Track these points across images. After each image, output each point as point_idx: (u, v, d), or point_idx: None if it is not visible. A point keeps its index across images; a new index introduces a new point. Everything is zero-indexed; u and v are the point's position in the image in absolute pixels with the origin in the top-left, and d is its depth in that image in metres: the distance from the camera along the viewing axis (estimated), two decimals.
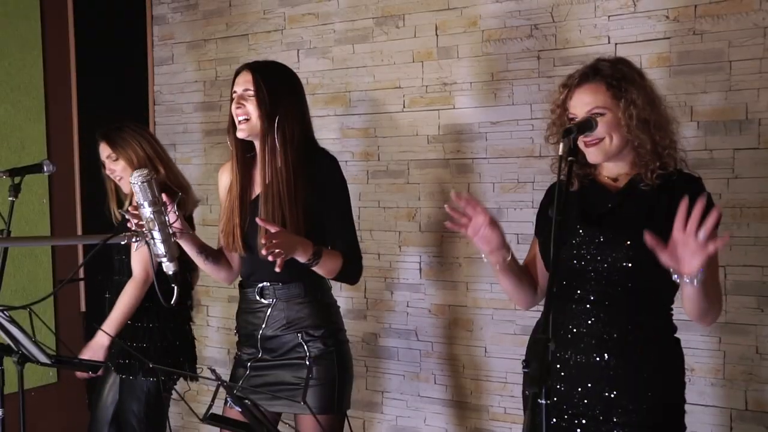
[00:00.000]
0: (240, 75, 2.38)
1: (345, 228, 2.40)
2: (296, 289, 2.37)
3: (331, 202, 2.37)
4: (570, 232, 2.03)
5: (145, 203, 1.98)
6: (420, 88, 3.43)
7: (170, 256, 2.07)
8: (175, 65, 4.22)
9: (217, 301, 4.13)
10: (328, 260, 2.28)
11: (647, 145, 1.98)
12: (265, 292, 2.39)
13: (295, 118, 2.38)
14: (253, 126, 2.34)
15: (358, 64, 3.59)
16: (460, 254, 3.39)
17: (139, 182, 1.96)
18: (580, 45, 3.02)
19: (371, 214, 3.60)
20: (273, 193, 2.32)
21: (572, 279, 2.03)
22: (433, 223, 3.44)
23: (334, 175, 2.39)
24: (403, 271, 3.53)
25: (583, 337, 1.99)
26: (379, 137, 3.56)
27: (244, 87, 2.35)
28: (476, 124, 3.29)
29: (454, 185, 3.37)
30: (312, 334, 2.36)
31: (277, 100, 2.34)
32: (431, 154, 3.42)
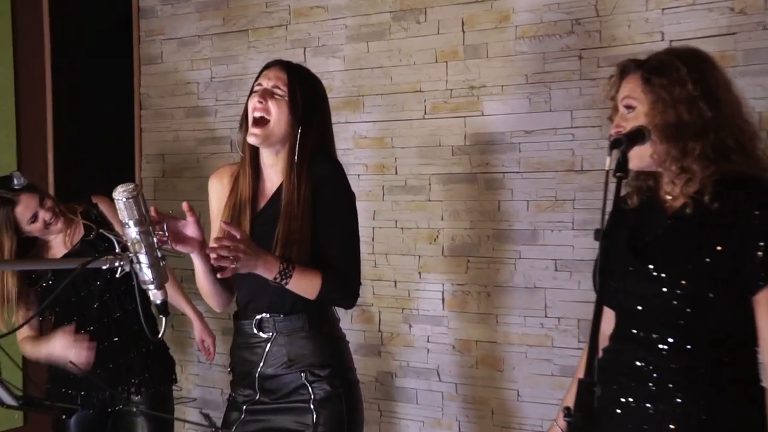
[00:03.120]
0: (271, 69, 2.37)
1: (339, 237, 2.35)
2: (299, 322, 2.36)
3: (326, 207, 2.34)
4: (620, 261, 1.99)
5: (130, 222, 1.93)
6: (444, 91, 3.44)
7: (158, 282, 2.00)
8: (165, 64, 4.23)
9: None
10: (300, 280, 2.25)
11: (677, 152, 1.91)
12: (264, 325, 2.37)
13: (320, 132, 2.39)
14: (270, 131, 2.31)
15: (373, 65, 3.60)
16: (488, 282, 3.38)
17: (124, 198, 1.91)
18: (629, 42, 3.02)
19: (387, 236, 3.60)
20: (293, 213, 2.30)
21: (627, 317, 2.00)
22: (457, 247, 3.43)
23: (332, 176, 2.37)
24: (423, 301, 3.52)
25: (638, 383, 1.95)
26: (396, 148, 3.57)
27: (274, 83, 2.34)
28: (508, 133, 3.30)
29: (482, 202, 3.38)
30: (317, 373, 2.34)
31: (309, 109, 2.35)
32: (456, 168, 3.42)
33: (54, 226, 2.96)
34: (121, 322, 3.03)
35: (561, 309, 3.22)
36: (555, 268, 3.21)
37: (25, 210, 2.89)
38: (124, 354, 3.02)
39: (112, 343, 3.01)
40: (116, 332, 3.02)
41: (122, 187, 1.93)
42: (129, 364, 3.02)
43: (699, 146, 1.89)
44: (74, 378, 2.98)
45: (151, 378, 3.05)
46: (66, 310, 3.03)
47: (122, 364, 3.01)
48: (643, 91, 1.94)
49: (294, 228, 2.28)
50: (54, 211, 2.96)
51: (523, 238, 3.29)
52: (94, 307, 3.00)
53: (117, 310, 3.03)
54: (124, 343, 3.03)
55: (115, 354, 3.01)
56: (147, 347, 3.06)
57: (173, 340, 4.13)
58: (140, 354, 3.04)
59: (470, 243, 3.40)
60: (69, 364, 2.83)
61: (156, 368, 3.08)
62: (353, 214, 2.40)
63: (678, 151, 1.91)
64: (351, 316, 3.60)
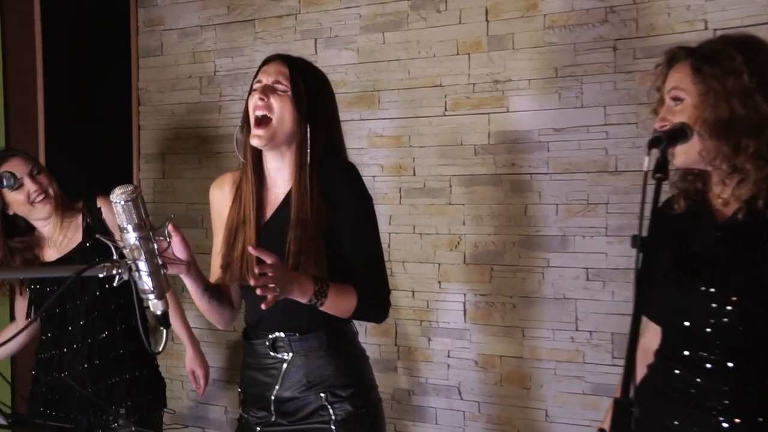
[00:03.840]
0: (270, 64, 2.35)
1: (365, 247, 2.34)
2: (317, 341, 2.34)
3: (345, 214, 2.31)
4: (666, 273, 1.97)
5: (129, 227, 1.93)
6: (466, 86, 3.44)
7: (159, 292, 2.00)
8: (165, 57, 4.24)
9: (212, 346, 4.13)
10: (336, 298, 2.24)
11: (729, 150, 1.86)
12: (279, 345, 2.36)
13: (328, 129, 2.37)
14: (274, 130, 2.29)
15: (390, 57, 3.60)
16: (514, 292, 3.38)
17: (122, 201, 1.90)
18: (669, 32, 3.01)
19: (404, 242, 3.60)
20: (305, 219, 2.28)
21: (673, 333, 1.99)
22: (480, 254, 3.43)
23: (347, 180, 2.34)
24: (443, 312, 3.52)
25: (683, 405, 1.93)
26: (414, 147, 3.57)
27: (275, 78, 2.30)
28: (536, 131, 3.30)
29: (508, 206, 3.37)
30: (338, 394, 2.33)
31: (314, 104, 2.33)
32: (479, 168, 3.42)
33: (40, 205, 2.92)
34: (105, 344, 3.01)
35: (593, 322, 3.21)
36: (587, 278, 3.21)
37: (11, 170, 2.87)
38: (105, 378, 3.00)
39: (94, 366, 2.99)
40: (99, 354, 2.99)
41: (120, 188, 1.92)
42: (109, 390, 3.00)
43: (753, 144, 1.84)
44: (54, 398, 2.99)
45: (136, 405, 3.03)
46: (48, 320, 3.01)
47: (102, 389, 2.98)
48: (693, 81, 1.89)
49: (307, 235, 2.26)
50: (44, 188, 2.92)
51: (552, 244, 3.28)
52: (79, 323, 3.00)
53: (104, 330, 3.01)
54: (106, 367, 3.01)
55: (96, 378, 2.99)
56: (133, 373, 3.03)
57: (173, 354, 4.15)
58: (123, 381, 3.01)
59: (494, 250, 3.40)
60: None
61: (142, 395, 3.05)
62: (374, 219, 2.39)
63: (729, 148, 1.86)
64: (365, 328, 3.59)
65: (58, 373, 3.00)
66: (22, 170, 2.90)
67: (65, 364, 3.00)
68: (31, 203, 2.91)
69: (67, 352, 3.00)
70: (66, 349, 2.99)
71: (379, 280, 2.36)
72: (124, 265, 1.94)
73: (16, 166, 2.90)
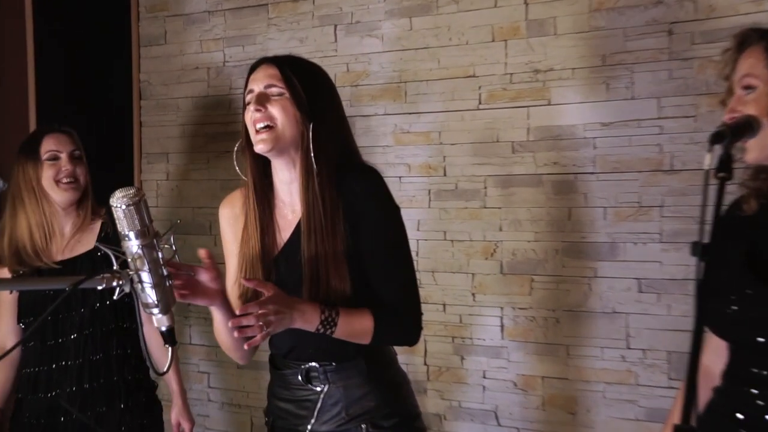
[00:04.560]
0: (258, 71, 2.34)
1: (391, 260, 2.33)
2: (355, 369, 2.34)
3: (370, 230, 2.30)
4: (735, 283, 1.94)
5: (131, 234, 1.92)
6: (502, 76, 3.43)
7: (164, 305, 2.00)
8: (170, 46, 4.24)
9: (222, 366, 4.13)
10: (348, 325, 2.24)
11: None
12: (313, 375, 2.35)
13: (334, 126, 2.36)
14: (279, 134, 2.27)
15: (418, 45, 3.59)
16: (557, 305, 3.36)
17: (123, 205, 1.90)
18: (731, 13, 3.00)
19: (434, 250, 3.58)
20: (319, 229, 2.27)
21: (744, 351, 1.95)
22: (519, 263, 3.42)
23: (372, 191, 2.33)
24: (478, 328, 3.51)
25: None
26: (445, 144, 3.56)
27: (266, 83, 2.29)
28: (581, 126, 3.29)
29: (549, 210, 3.35)
30: (382, 425, 2.33)
31: (314, 100, 2.30)
32: (517, 168, 3.41)
33: (64, 187, 3.01)
34: (98, 367, 3.00)
35: (647, 339, 3.19)
36: (639, 289, 3.19)
37: (51, 141, 3.04)
38: (94, 405, 2.99)
39: (83, 390, 2.98)
40: (90, 377, 2.99)
41: (121, 191, 1.92)
42: (98, 419, 2.99)
43: None
44: (39, 423, 2.99)
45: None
46: (38, 329, 3.00)
47: (89, 417, 2.97)
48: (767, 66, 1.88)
49: (323, 249, 2.25)
50: (75, 174, 3.04)
51: (600, 252, 3.27)
52: (71, 338, 3.00)
53: (98, 351, 3.01)
54: (96, 393, 3.00)
55: (84, 404, 2.98)
56: (126, 402, 3.03)
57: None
58: (114, 410, 3.01)
59: (535, 258, 3.39)
60: None
61: (136, 421, 3.05)
62: (402, 231, 2.37)
63: None
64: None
65: (45, 394, 3.00)
66: (65, 147, 3.05)
67: (52, 384, 2.99)
68: (57, 182, 3.01)
69: (54, 369, 2.99)
70: (54, 365, 2.99)
71: (405, 299, 2.34)
72: (125, 276, 1.93)
73: (61, 141, 3.06)
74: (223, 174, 4.07)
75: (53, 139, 3.04)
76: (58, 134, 3.07)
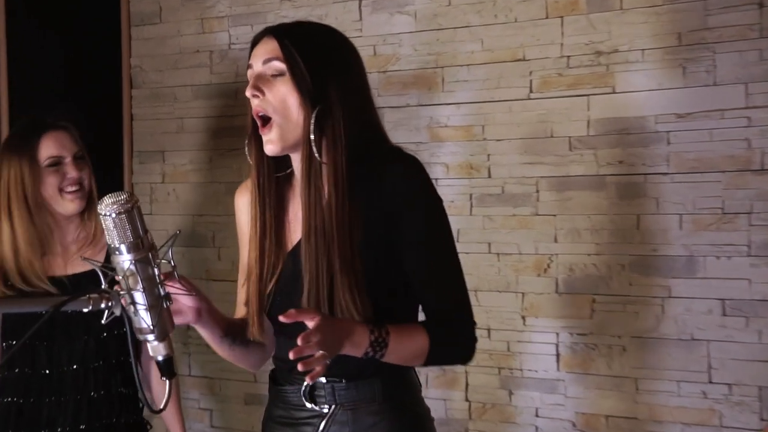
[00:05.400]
0: (259, 45, 2.31)
1: (440, 270, 2.31)
2: (369, 389, 2.30)
3: (410, 229, 2.29)
4: None
5: (122, 247, 1.92)
6: (558, 60, 3.40)
7: (160, 331, 2.01)
8: (165, 25, 4.24)
9: (226, 402, 4.12)
10: (400, 345, 2.22)
11: None
12: (318, 394, 2.31)
13: (351, 105, 2.30)
14: (283, 130, 2.25)
15: (457, 24, 3.56)
16: (623, 331, 3.32)
17: (113, 213, 1.90)
18: None
19: (476, 265, 3.53)
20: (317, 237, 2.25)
21: None
22: (578, 280, 3.39)
23: (410, 182, 2.29)
24: (528, 357, 3.48)
25: None
26: (489, 141, 3.53)
27: (264, 58, 2.27)
28: (651, 117, 3.26)
29: (614, 217, 3.30)
30: None
31: (322, 76, 2.26)
32: (576, 167, 3.38)
33: (69, 197, 2.96)
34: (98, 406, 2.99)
35: (733, 371, 3.16)
36: (723, 312, 3.16)
37: (51, 143, 2.96)
38: None
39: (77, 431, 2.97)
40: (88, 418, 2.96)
41: (111, 197, 1.91)
42: None
43: None
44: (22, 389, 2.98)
45: None
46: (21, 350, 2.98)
47: None
48: None
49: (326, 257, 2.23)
50: (81, 181, 2.99)
51: (675, 267, 3.24)
52: (71, 369, 2.98)
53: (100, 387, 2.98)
54: None
55: None
56: None
57: None
58: None
59: (596, 275, 3.36)
60: None
61: None
62: (447, 228, 2.32)
63: None
64: (426, 377, 3.56)
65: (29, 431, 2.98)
66: (68, 148, 2.99)
67: (42, 421, 2.97)
68: (61, 191, 2.97)
69: (46, 403, 2.96)
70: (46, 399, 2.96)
71: (460, 311, 2.31)
72: (115, 296, 1.94)
73: (62, 141, 2.99)
74: (228, 175, 4.08)
75: (53, 140, 2.98)
76: (58, 132, 3.01)
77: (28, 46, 3.98)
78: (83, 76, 4.18)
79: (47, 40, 4.06)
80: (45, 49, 4.05)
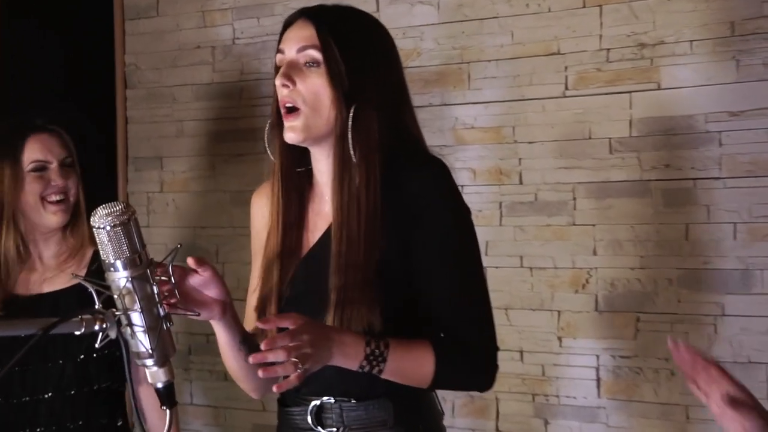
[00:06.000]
0: (292, 28, 2.31)
1: (459, 284, 2.30)
2: (380, 411, 2.31)
3: (430, 238, 2.28)
4: None
5: (117, 263, 1.91)
6: (596, 53, 3.39)
7: (160, 355, 1.99)
8: (162, 19, 4.26)
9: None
10: (401, 362, 2.22)
11: None
12: (326, 415, 2.34)
13: (388, 105, 2.31)
14: (310, 121, 2.26)
15: (484, 14, 3.57)
16: (670, 353, 3.18)
17: (108, 226, 1.88)
18: None
19: (507, 280, 3.53)
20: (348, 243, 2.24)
21: None
22: (620, 297, 3.37)
23: (434, 188, 2.30)
24: (566, 383, 3.47)
25: None
26: (520, 143, 3.53)
27: (299, 45, 2.28)
28: (701, 116, 3.25)
29: (660, 227, 3.29)
30: None
31: (361, 72, 2.26)
32: (617, 172, 3.37)
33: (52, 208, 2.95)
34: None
35: None
36: None
37: (37, 146, 2.96)
38: None
39: None
40: None
41: (105, 209, 1.90)
42: None
43: None
44: None
45: None
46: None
47: None
48: None
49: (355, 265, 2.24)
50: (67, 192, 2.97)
51: (730, 282, 3.23)
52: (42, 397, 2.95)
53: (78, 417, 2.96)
54: None
55: None
56: None
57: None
58: None
59: (641, 291, 3.35)
60: None
61: None
62: (473, 240, 2.35)
63: None
64: (452, 405, 3.56)
65: None
66: (54, 153, 2.98)
67: None
68: (42, 200, 2.96)
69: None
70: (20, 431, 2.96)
71: (478, 329, 2.31)
72: (110, 317, 1.92)
73: (49, 145, 2.98)
74: (233, 184, 4.07)
75: (40, 143, 2.98)
76: (46, 135, 3.01)
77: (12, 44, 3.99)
78: (73, 75, 4.17)
79: (33, 38, 4.06)
80: (30, 46, 4.05)
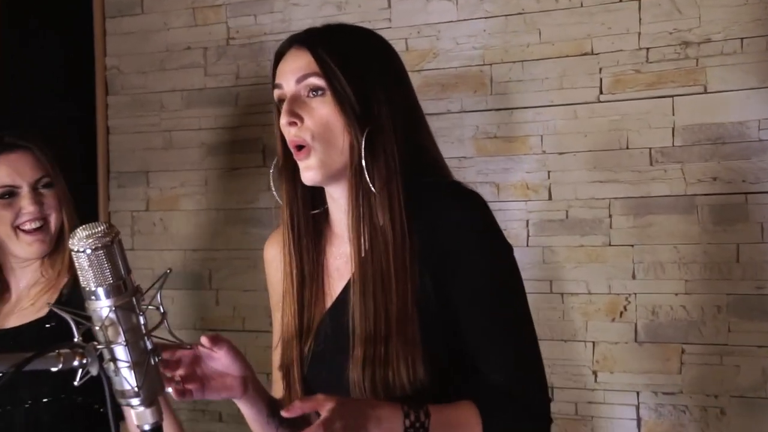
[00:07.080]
0: (285, 60, 2.34)
1: (504, 328, 2.27)
2: None
3: (469, 278, 2.27)
4: None
5: (99, 291, 1.90)
6: (634, 53, 3.41)
7: (147, 394, 1.98)
8: (148, 17, 4.30)
9: None
10: (444, 430, 2.21)
11: None
12: None
13: (402, 127, 2.31)
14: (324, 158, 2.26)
15: (508, 10, 3.59)
16: (721, 389, 3.30)
17: (89, 249, 1.87)
18: None
19: (536, 307, 3.40)
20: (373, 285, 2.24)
21: None
22: (663, 326, 3.40)
23: (472, 223, 2.28)
24: (603, 423, 3.48)
25: None
26: (550, 154, 3.56)
27: (297, 76, 2.28)
28: (754, 122, 3.28)
29: (708, 247, 3.30)
30: None
31: (370, 93, 2.27)
32: (659, 186, 3.40)
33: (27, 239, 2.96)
34: None
35: None
36: None
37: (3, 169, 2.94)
38: None
39: None
40: None
41: (85, 230, 1.88)
42: None
43: None
44: None
45: None
46: None
47: None
48: None
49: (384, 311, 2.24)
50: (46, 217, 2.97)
51: None
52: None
53: None
54: None
55: None
56: None
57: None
58: None
59: (687, 320, 3.36)
60: None
61: None
62: (517, 279, 2.33)
63: None
64: None
65: None
66: (25, 175, 2.96)
67: None
68: (15, 229, 2.97)
69: None
70: None
71: (527, 382, 2.29)
72: (90, 351, 1.92)
73: (18, 166, 2.96)
74: (228, 201, 4.10)
75: (7, 165, 2.97)
76: (15, 154, 3.00)
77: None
78: (48, 80, 4.20)
79: (3, 39, 4.09)
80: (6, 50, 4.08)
